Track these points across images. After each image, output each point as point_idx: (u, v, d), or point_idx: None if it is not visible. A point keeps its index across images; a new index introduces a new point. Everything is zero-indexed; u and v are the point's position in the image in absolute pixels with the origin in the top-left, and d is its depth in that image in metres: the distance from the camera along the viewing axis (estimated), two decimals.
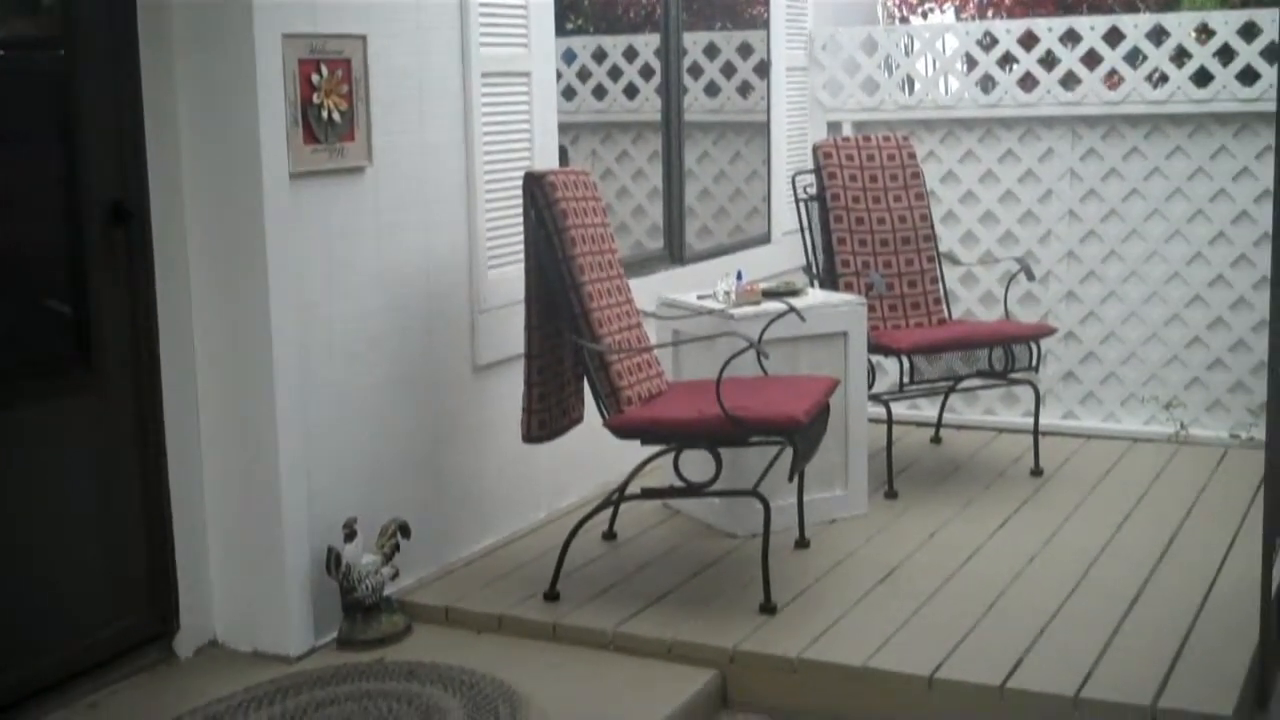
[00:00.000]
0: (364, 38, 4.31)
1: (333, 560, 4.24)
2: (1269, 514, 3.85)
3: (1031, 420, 5.86)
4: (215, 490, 4.22)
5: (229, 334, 4.12)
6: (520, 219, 4.58)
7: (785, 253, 6.62)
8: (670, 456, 4.45)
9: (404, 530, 4.39)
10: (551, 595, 4.43)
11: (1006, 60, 6.59)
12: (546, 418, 4.55)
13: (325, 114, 4.18)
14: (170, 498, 4.19)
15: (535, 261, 4.46)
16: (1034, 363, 5.59)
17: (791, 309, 4.85)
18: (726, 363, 4.37)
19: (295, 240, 4.12)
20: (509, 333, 4.79)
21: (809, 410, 4.30)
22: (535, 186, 4.44)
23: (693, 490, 4.38)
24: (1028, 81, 6.54)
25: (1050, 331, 5.70)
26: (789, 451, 4.38)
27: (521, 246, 4.59)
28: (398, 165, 4.50)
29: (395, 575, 4.36)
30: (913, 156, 6.06)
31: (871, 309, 5.66)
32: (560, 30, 5.47)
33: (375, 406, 4.47)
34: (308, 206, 4.17)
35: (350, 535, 4.25)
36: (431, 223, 4.66)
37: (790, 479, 4.48)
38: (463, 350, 4.83)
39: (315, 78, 4.14)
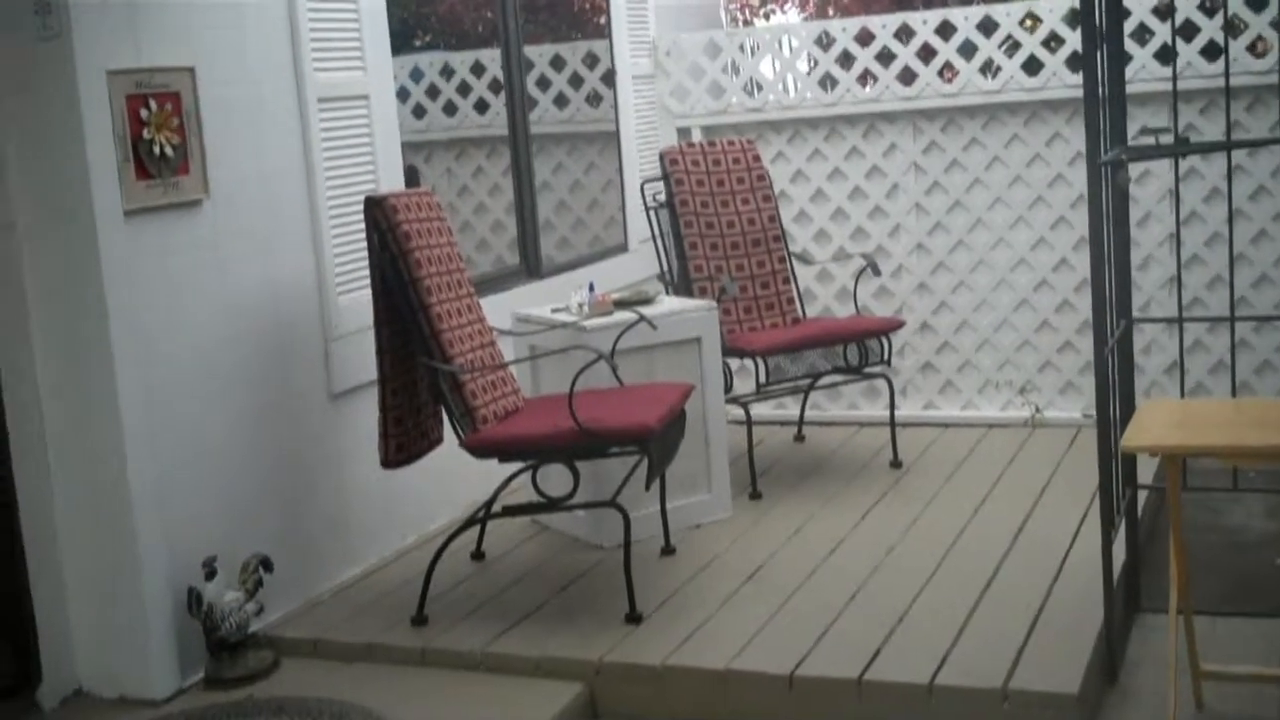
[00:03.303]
0: (192, 69, 4.27)
1: (194, 600, 4.19)
2: (1104, 495, 3.97)
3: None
4: (69, 537, 4.15)
5: (72, 377, 4.05)
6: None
7: (642, 261, 6.66)
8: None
9: (266, 564, 4.35)
10: (419, 619, 4.42)
11: (847, 59, 6.70)
12: (404, 441, 4.54)
13: (157, 149, 4.14)
14: (24, 548, 4.12)
15: (381, 285, 4.45)
16: (886, 356, 5.70)
17: (642, 318, 4.89)
18: (577, 375, 4.39)
19: (134, 278, 4.07)
20: (364, 358, 4.76)
21: (662, 418, 4.34)
22: (376, 210, 4.43)
23: (552, 505, 4.40)
24: (867, 78, 6.67)
25: (900, 324, 5.80)
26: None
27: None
28: (236, 196, 4.46)
29: (260, 611, 4.32)
30: (758, 159, 6.14)
31: (727, 312, 5.73)
32: (407, 48, 5.45)
33: (230, 441, 4.42)
34: (145, 243, 4.12)
35: (211, 574, 4.21)
36: (276, 251, 4.63)
37: (647, 487, 4.52)
38: (317, 378, 4.80)
39: (144, 113, 4.09)
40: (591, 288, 5.18)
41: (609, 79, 6.84)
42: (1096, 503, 4.95)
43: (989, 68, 6.48)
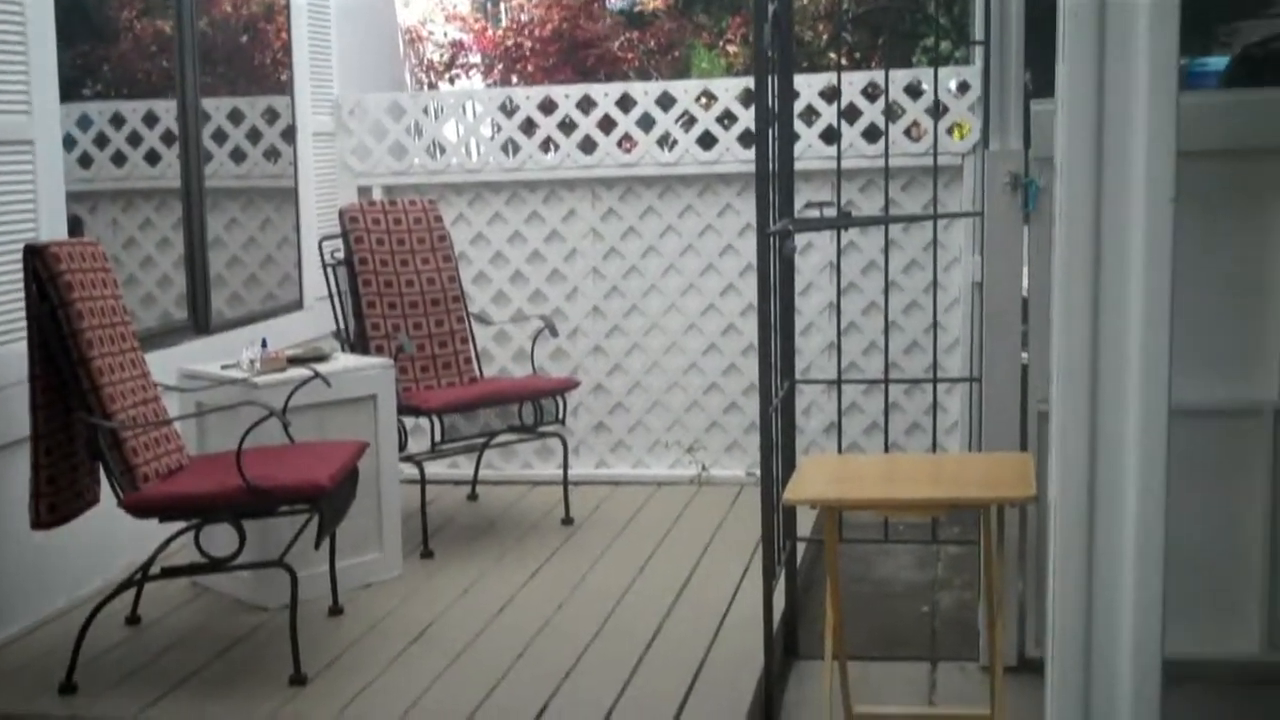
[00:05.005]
0: None
1: None
2: (766, 547, 4.13)
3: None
4: None
5: None
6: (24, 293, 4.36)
7: (318, 318, 6.57)
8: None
9: None
10: (68, 687, 4.21)
11: (530, 125, 6.83)
12: (57, 500, 4.33)
13: None
14: None
15: (39, 337, 4.26)
16: (560, 415, 5.80)
17: (316, 374, 4.83)
18: (246, 432, 4.30)
19: None
20: (15, 414, 4.54)
21: (334, 475, 4.29)
22: (36, 259, 4.25)
23: (215, 565, 4.28)
24: (549, 145, 6.80)
25: (574, 384, 5.92)
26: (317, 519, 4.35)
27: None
28: None
29: None
30: (439, 220, 6.18)
31: (404, 371, 5.72)
32: (75, 96, 5.26)
33: None
34: None
35: None
36: None
37: (317, 546, 4.45)
38: None
39: None
40: (264, 344, 5.09)
41: (289, 135, 6.76)
42: (758, 556, 5.18)
43: (666, 140, 6.70)
